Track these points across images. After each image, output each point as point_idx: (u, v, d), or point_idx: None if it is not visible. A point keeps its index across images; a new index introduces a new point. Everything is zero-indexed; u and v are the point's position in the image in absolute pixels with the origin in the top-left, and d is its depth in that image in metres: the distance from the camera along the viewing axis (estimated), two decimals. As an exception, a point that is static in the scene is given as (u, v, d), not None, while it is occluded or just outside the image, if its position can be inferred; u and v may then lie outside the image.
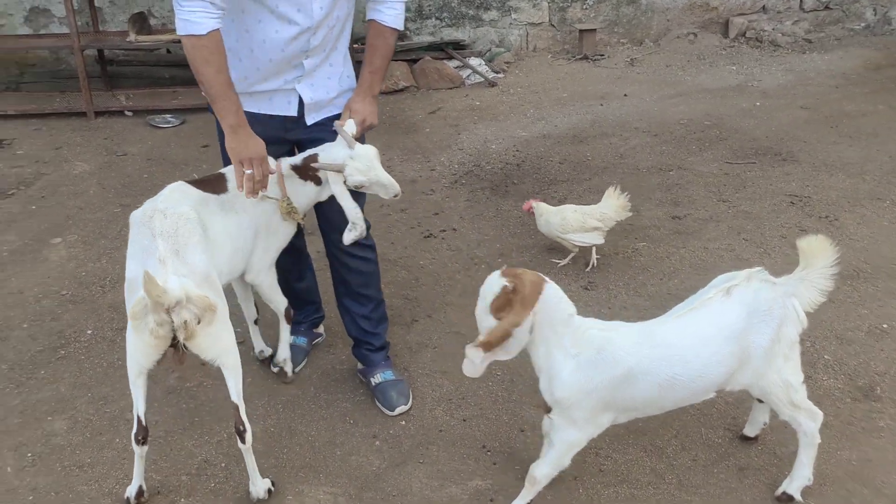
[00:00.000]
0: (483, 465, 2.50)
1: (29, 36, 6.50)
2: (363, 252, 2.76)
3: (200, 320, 2.06)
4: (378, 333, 2.89)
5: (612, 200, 3.63)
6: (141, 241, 2.20)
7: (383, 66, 2.59)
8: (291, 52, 2.43)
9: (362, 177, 2.44)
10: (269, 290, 2.72)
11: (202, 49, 2.24)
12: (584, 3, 7.26)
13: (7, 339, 3.23)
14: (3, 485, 2.47)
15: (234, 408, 2.24)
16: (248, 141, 2.36)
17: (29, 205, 4.52)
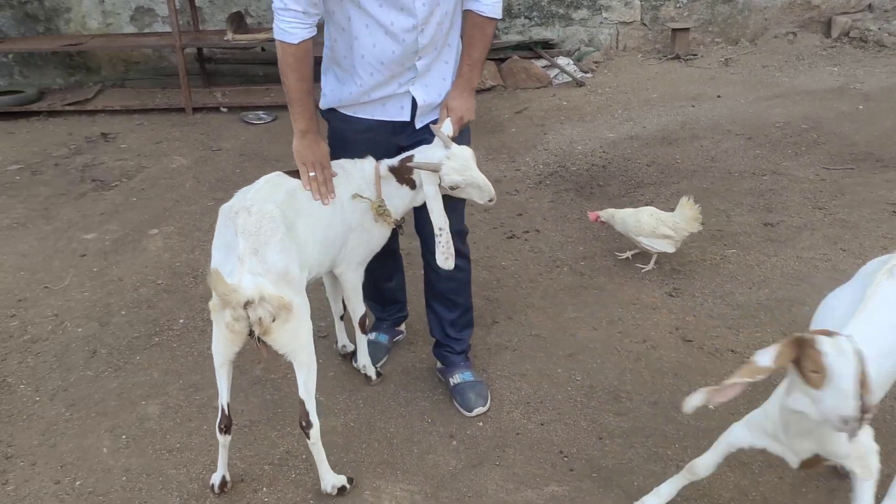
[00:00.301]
0: (560, 471, 2.48)
1: (134, 35, 6.81)
2: (458, 260, 2.71)
3: (275, 318, 2.11)
4: (461, 339, 2.90)
5: (685, 210, 3.56)
6: (225, 235, 2.26)
7: (482, 59, 2.55)
8: (401, 53, 2.42)
9: (458, 176, 2.44)
10: (352, 290, 2.72)
11: (290, 56, 2.34)
12: (678, 2, 7.09)
13: (107, 324, 3.40)
14: (100, 465, 2.60)
15: (300, 403, 2.28)
16: (313, 145, 2.44)
17: (130, 196, 4.73)
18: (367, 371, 2.91)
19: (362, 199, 2.53)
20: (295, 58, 2.35)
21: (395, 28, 2.37)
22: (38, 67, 6.95)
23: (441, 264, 2.49)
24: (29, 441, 2.72)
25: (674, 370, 2.92)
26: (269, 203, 2.28)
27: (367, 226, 2.58)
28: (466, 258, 2.82)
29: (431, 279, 2.83)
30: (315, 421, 2.28)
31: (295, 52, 2.34)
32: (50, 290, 3.69)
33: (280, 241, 2.20)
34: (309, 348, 2.27)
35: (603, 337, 3.14)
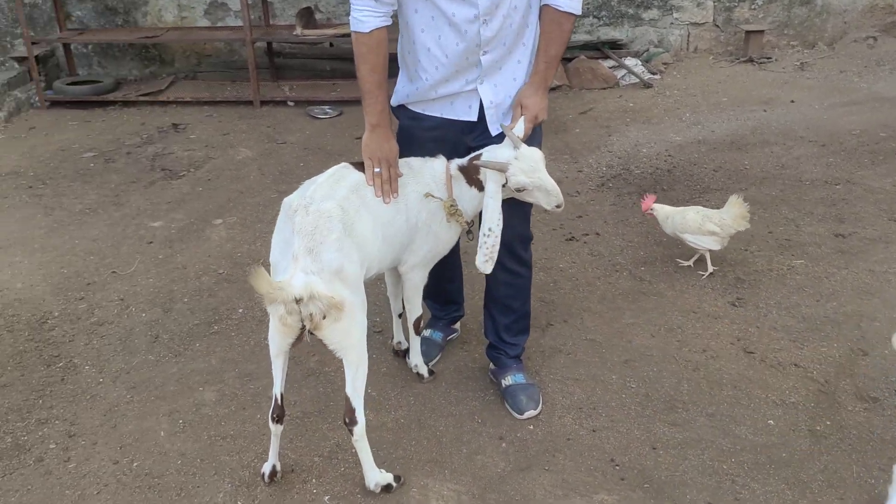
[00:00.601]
0: (610, 480, 2.44)
1: (207, 28, 6.97)
2: (518, 266, 2.73)
3: (325, 316, 2.12)
4: (515, 344, 2.87)
5: (733, 209, 3.51)
6: (284, 231, 2.29)
7: (559, 56, 2.47)
8: (465, 46, 2.40)
9: (525, 178, 2.38)
10: (414, 290, 2.71)
11: (362, 46, 2.36)
12: (753, 3, 6.89)
13: (170, 311, 3.48)
14: (157, 447, 2.66)
15: (346, 399, 2.28)
16: (382, 141, 2.43)
17: (196, 186, 4.85)
18: (420, 370, 2.91)
19: (434, 199, 2.51)
20: (367, 47, 2.36)
21: (457, 19, 2.36)
22: (116, 58, 7.17)
23: (479, 266, 2.43)
24: (91, 421, 2.80)
25: (733, 382, 2.84)
26: (329, 200, 2.27)
27: (434, 228, 2.55)
28: (528, 265, 2.78)
29: (491, 282, 2.81)
30: (360, 419, 2.28)
31: (367, 41, 2.35)
32: (117, 274, 3.80)
33: (336, 240, 2.20)
34: (360, 347, 2.27)
35: (660, 344, 3.08)
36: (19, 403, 2.90)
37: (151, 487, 2.49)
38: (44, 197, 4.75)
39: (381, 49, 2.36)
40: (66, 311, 3.50)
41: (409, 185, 2.49)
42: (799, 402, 2.72)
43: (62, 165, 5.25)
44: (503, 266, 2.67)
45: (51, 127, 6.05)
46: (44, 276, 3.81)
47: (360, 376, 2.28)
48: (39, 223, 4.39)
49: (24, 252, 4.05)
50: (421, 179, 2.51)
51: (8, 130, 5.99)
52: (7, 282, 3.76)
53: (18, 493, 2.49)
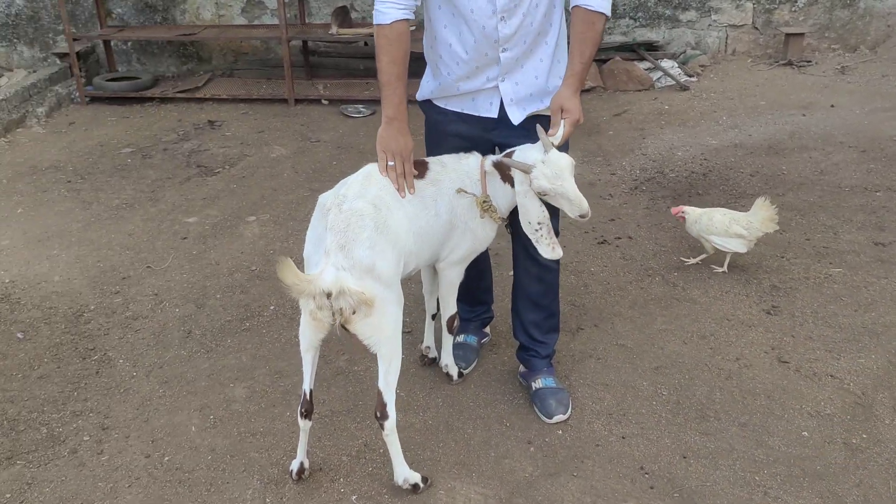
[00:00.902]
0: (639, 488, 2.41)
1: (244, 26, 7.03)
2: (548, 261, 2.70)
3: (355, 311, 2.13)
4: (546, 343, 2.86)
5: (761, 211, 3.51)
6: (318, 228, 2.31)
7: (592, 55, 2.45)
8: (484, 42, 2.42)
9: (547, 183, 2.36)
10: (450, 287, 2.71)
11: (383, 38, 2.37)
12: (793, 6, 6.78)
13: (203, 307, 3.52)
14: (188, 442, 2.69)
15: (378, 393, 2.29)
16: (397, 135, 2.42)
17: (231, 183, 4.89)
18: (450, 370, 2.91)
19: (467, 194, 2.51)
20: (387, 39, 2.36)
21: (476, 15, 2.38)
22: (154, 55, 7.27)
23: (548, 256, 2.46)
24: (124, 414, 2.84)
25: (767, 392, 2.79)
26: (361, 200, 2.28)
27: (471, 224, 2.56)
28: (556, 260, 2.78)
29: (521, 281, 2.81)
30: (391, 413, 2.29)
31: (388, 32, 2.36)
32: (152, 269, 3.85)
33: (367, 237, 2.21)
34: (394, 341, 2.28)
35: (693, 352, 3.04)
36: (55, 395, 2.96)
37: (182, 482, 2.52)
38: (82, 191, 4.83)
39: (401, 41, 2.37)
40: (102, 304, 3.56)
41: (443, 182, 2.49)
42: (834, 413, 2.67)
43: (100, 160, 5.34)
44: (534, 260, 2.69)
45: (90, 122, 6.15)
46: (80, 269, 3.87)
47: (392, 370, 2.29)
48: (77, 217, 4.46)
49: (62, 245, 4.12)
50: (456, 176, 2.51)
51: (48, 125, 6.10)
52: (45, 274, 3.83)
53: (53, 483, 2.53)
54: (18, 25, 7.20)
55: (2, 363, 3.16)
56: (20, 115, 6.00)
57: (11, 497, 2.48)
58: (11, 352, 3.23)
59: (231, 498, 2.44)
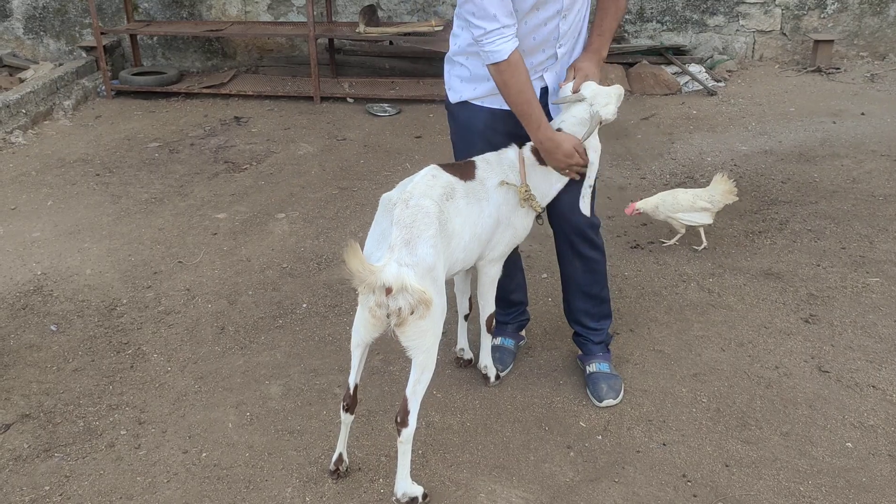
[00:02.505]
0: (682, 496, 2.39)
1: (270, 23, 7.03)
2: (593, 252, 2.79)
3: (413, 311, 2.12)
4: (599, 329, 2.91)
5: (720, 185, 3.80)
6: (382, 224, 2.29)
7: (612, 28, 2.61)
8: (542, 38, 2.48)
9: (613, 106, 2.53)
10: (490, 283, 2.71)
11: (503, 74, 2.40)
12: (822, 12, 6.73)
13: (235, 303, 3.52)
14: (225, 439, 2.68)
15: (404, 399, 2.27)
16: (561, 144, 2.49)
17: (259, 180, 4.89)
18: (488, 372, 2.89)
19: (509, 186, 2.52)
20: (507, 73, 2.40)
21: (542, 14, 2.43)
22: (180, 51, 7.28)
23: (586, 211, 2.64)
24: (160, 409, 2.84)
25: (808, 401, 2.76)
26: (427, 199, 2.29)
27: (512, 219, 2.59)
28: (601, 250, 2.83)
29: (568, 272, 2.85)
30: (412, 422, 2.27)
31: (505, 67, 2.39)
32: (183, 264, 3.85)
33: (432, 236, 2.22)
34: (432, 352, 2.27)
35: (731, 359, 3.01)
36: (90, 388, 2.96)
37: (220, 479, 2.51)
38: (110, 185, 4.83)
39: (520, 68, 2.41)
40: (134, 298, 3.56)
41: (488, 181, 2.49)
42: (878, 424, 2.64)
43: (128, 154, 5.34)
44: (579, 254, 2.77)
45: (116, 116, 6.16)
46: (112, 263, 3.87)
47: (423, 380, 2.27)
48: (107, 210, 4.47)
49: (93, 238, 4.13)
50: (500, 170, 2.53)
51: (75, 118, 6.12)
52: (77, 267, 3.83)
53: (91, 477, 2.53)
54: (45, 18, 7.23)
55: (36, 355, 3.16)
56: (47, 108, 6.02)
57: (51, 489, 2.48)
58: (45, 344, 3.23)
59: (271, 496, 2.44)
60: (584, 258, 2.79)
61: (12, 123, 5.61)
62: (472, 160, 2.54)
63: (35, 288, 3.65)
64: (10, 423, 2.78)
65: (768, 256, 3.75)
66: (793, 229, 4.01)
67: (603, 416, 2.73)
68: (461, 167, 2.50)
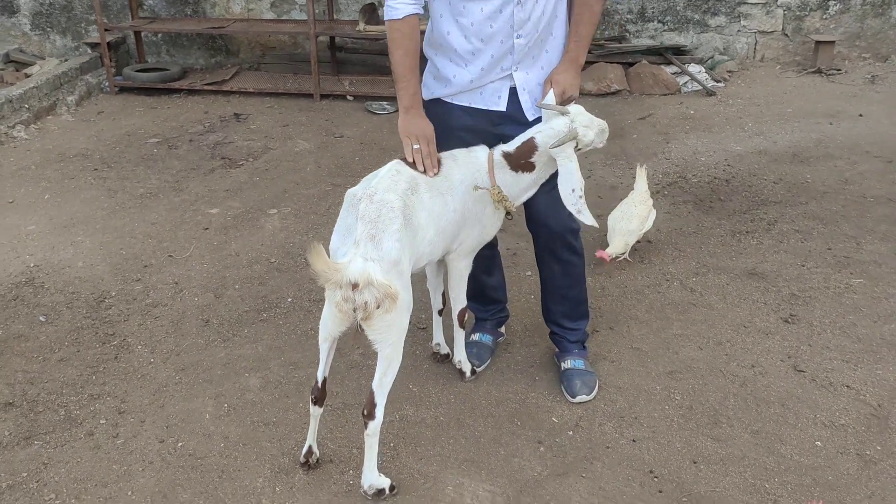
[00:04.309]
0: (648, 491, 2.41)
1: (273, 21, 7.08)
2: (571, 256, 2.81)
3: (379, 305, 2.15)
4: (576, 329, 2.94)
5: (643, 179, 3.85)
6: (347, 219, 2.33)
7: (588, 35, 2.60)
8: (500, 28, 2.48)
9: (592, 132, 2.52)
10: (459, 278, 2.74)
11: (395, 32, 2.46)
12: (824, 13, 6.71)
13: (221, 297, 3.56)
14: (201, 429, 2.73)
15: (370, 393, 2.30)
16: (417, 120, 2.54)
17: (254, 176, 4.94)
18: (463, 367, 2.92)
19: (482, 189, 2.55)
20: (400, 33, 2.45)
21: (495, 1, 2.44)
22: (184, 48, 7.35)
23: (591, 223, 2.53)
24: (140, 399, 2.89)
25: (781, 400, 2.77)
26: (392, 193, 2.32)
27: (479, 215, 2.61)
28: (580, 254, 2.85)
29: (546, 275, 2.88)
30: (379, 415, 2.30)
31: (400, 26, 2.45)
32: (173, 258, 3.90)
33: (397, 231, 2.24)
34: (397, 346, 2.29)
35: (708, 357, 3.03)
36: (74, 378, 3.01)
37: (194, 468, 2.55)
38: (108, 179, 4.90)
39: (413, 35, 2.47)
40: (123, 291, 3.61)
41: (455, 176, 2.51)
42: (849, 424, 2.65)
43: (127, 150, 5.41)
44: (558, 258, 2.80)
45: (118, 112, 6.23)
46: (103, 256, 3.93)
47: (389, 373, 2.30)
48: (102, 205, 4.53)
49: (87, 232, 4.19)
50: (466, 169, 2.55)
51: (78, 114, 6.19)
52: (69, 260, 3.89)
53: (68, 464, 2.58)
54: (52, 14, 7.32)
55: (24, 345, 3.22)
56: (50, 103, 6.10)
57: (28, 476, 2.53)
58: (33, 334, 3.29)
59: (242, 485, 2.48)
60: (562, 262, 2.81)
61: (15, 118, 5.69)
62: (438, 155, 2.57)
63: (27, 280, 3.71)
64: (-7, 410, 2.83)
65: (754, 256, 3.76)
66: (780, 230, 4.01)
67: (575, 412, 2.75)
68: None
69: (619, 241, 3.64)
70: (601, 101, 6.20)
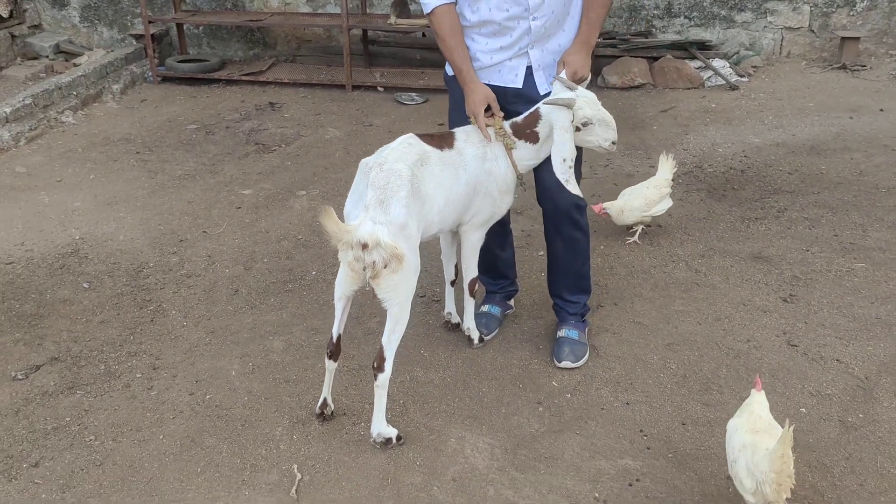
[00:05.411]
0: (636, 447, 2.58)
1: (308, 14, 7.33)
2: (575, 232, 2.96)
3: (386, 265, 2.35)
4: (576, 302, 3.11)
5: (666, 165, 3.94)
6: (359, 185, 2.54)
7: (599, 19, 2.75)
8: (516, 11, 2.67)
9: (591, 110, 2.63)
10: (472, 249, 2.92)
11: (431, 23, 2.74)
12: (851, 10, 6.75)
13: (251, 269, 3.80)
14: (228, 384, 2.96)
15: (380, 347, 2.50)
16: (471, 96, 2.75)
17: (286, 160, 5.18)
18: (471, 334, 3.10)
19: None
20: (435, 24, 2.72)
21: None
22: (224, 40, 7.64)
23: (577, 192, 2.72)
24: (173, 357, 3.13)
25: (772, 371, 2.91)
26: (401, 163, 2.51)
27: (490, 189, 2.79)
28: (585, 230, 3.00)
29: (551, 248, 3.05)
30: (388, 368, 2.50)
31: (433, 19, 2.71)
32: (207, 234, 4.15)
33: (404, 197, 2.43)
34: (406, 305, 2.49)
35: (706, 332, 3.17)
36: (113, 337, 3.26)
37: (220, 417, 2.78)
38: (149, 162, 5.18)
39: (447, 22, 2.71)
40: (160, 262, 3.87)
41: (468, 151, 2.70)
42: (835, 394, 2.78)
43: (168, 135, 5.69)
44: (563, 234, 2.95)
45: (160, 100, 6.53)
46: (143, 231, 4.19)
47: (397, 330, 2.50)
48: (143, 185, 4.80)
49: (128, 209, 4.46)
50: (478, 141, 2.73)
51: (122, 101, 6.51)
52: (112, 234, 4.16)
53: (107, 411, 2.83)
54: (100, 7, 7.66)
55: (69, 308, 3.48)
56: (97, 91, 6.42)
57: (71, 420, 2.78)
58: (78, 299, 3.55)
59: (262, 433, 2.70)
60: (567, 237, 2.97)
61: (63, 104, 6.02)
62: (452, 131, 2.77)
63: (73, 251, 3.99)
64: (40, 364, 3.10)
65: (760, 241, 3.89)
66: (790, 217, 4.12)
67: (574, 378, 2.93)
68: (441, 137, 2.73)
69: (618, 206, 3.85)
70: (625, 94, 6.34)
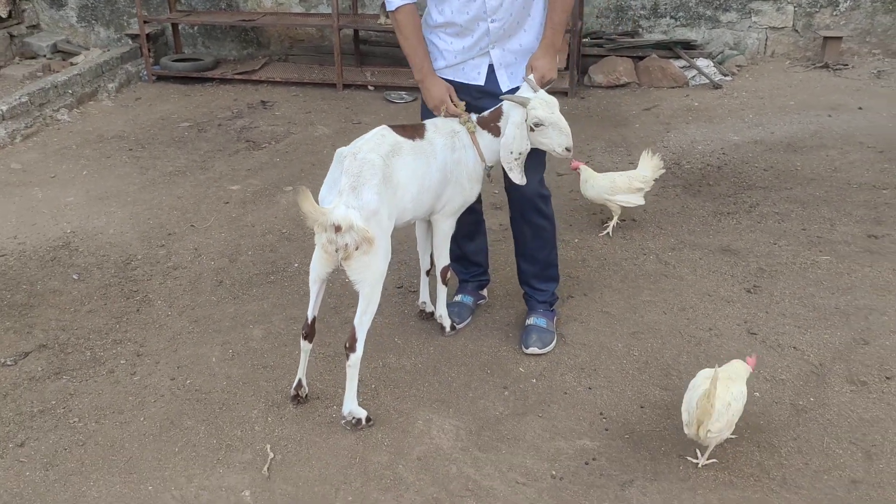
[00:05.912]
0: (595, 429, 2.69)
1: (301, 14, 7.46)
2: (541, 220, 3.10)
3: (358, 247, 2.47)
4: (544, 290, 3.23)
5: (648, 162, 4.03)
6: (334, 173, 2.67)
7: (562, 21, 2.87)
8: (474, 14, 2.80)
9: (543, 112, 2.75)
10: (443, 237, 3.05)
11: (394, 21, 2.88)
12: (835, 10, 6.86)
13: (235, 261, 3.92)
14: (208, 370, 3.08)
15: (352, 328, 2.63)
16: (430, 89, 2.92)
17: (274, 157, 5.30)
18: (443, 322, 3.22)
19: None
20: (397, 22, 2.85)
21: None
22: (218, 39, 7.76)
23: (518, 181, 2.86)
24: (157, 345, 3.25)
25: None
26: (374, 153, 2.64)
27: (459, 178, 2.92)
28: (550, 219, 3.13)
29: (518, 237, 3.18)
30: (359, 349, 2.62)
31: (396, 16, 2.84)
32: (195, 228, 4.27)
33: (376, 185, 2.57)
34: (377, 287, 2.62)
35: (670, 321, 3.29)
36: (100, 326, 3.39)
37: (199, 400, 2.90)
38: (141, 158, 5.30)
39: (409, 21, 2.85)
40: (148, 255, 3.99)
41: (437, 142, 2.83)
42: (789, 379, 2.90)
43: (160, 133, 5.82)
44: (528, 221, 3.09)
45: (154, 98, 6.66)
46: (132, 224, 4.32)
47: (369, 311, 2.62)
48: (134, 180, 4.93)
49: (119, 204, 4.59)
50: (446, 133, 2.87)
51: (117, 99, 6.63)
52: (102, 227, 4.29)
53: (91, 395, 2.95)
54: (97, 7, 7.79)
55: (58, 298, 3.61)
56: (92, 90, 6.54)
57: (56, 403, 2.91)
58: (67, 290, 3.68)
59: (239, 416, 2.82)
60: (533, 225, 3.11)
61: (59, 102, 6.15)
62: (423, 122, 2.91)
63: (64, 244, 4.11)
64: (28, 351, 3.22)
65: (730, 235, 4.00)
66: (760, 212, 4.24)
67: (540, 364, 3.04)
68: (413, 128, 2.86)
69: (590, 174, 4.01)
70: (610, 92, 6.45)
